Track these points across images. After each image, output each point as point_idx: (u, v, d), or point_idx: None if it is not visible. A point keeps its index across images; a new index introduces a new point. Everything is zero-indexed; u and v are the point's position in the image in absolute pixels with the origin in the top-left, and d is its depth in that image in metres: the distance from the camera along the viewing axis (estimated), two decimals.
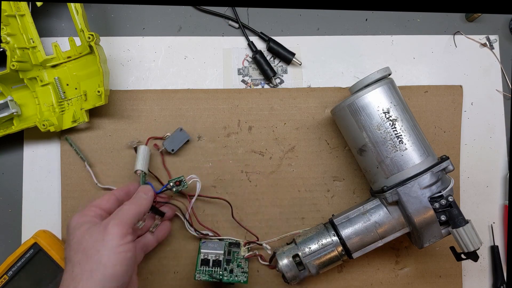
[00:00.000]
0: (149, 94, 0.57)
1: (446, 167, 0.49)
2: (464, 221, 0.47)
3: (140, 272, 0.54)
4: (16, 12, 0.52)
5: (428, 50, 0.61)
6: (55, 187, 0.56)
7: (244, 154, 0.57)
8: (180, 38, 0.59)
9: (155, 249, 0.54)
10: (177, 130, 0.55)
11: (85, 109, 0.53)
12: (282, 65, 0.59)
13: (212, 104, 0.57)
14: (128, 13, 0.59)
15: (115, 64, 0.58)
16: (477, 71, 0.61)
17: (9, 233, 0.55)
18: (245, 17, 0.60)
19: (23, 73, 0.53)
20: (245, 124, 0.57)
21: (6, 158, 0.56)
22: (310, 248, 0.50)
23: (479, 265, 0.59)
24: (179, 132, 0.55)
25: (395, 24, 0.61)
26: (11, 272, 0.51)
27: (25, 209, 0.55)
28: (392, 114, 0.48)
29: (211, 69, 0.59)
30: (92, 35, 0.50)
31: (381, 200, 0.51)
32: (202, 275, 0.51)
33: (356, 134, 0.50)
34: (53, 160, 0.56)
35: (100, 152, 0.56)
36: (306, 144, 0.58)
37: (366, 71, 0.60)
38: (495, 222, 0.60)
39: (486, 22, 0.62)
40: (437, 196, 0.47)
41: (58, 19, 0.58)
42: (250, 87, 0.59)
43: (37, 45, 0.54)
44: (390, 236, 0.50)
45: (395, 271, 0.57)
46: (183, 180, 0.52)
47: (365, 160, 0.51)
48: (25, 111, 0.54)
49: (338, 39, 0.60)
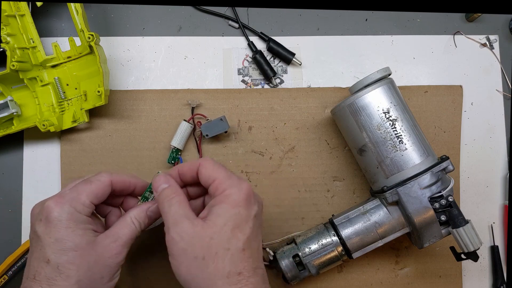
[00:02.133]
0: (149, 94, 0.57)
1: (446, 167, 0.49)
2: (464, 221, 0.47)
3: (140, 272, 0.54)
4: (16, 12, 0.52)
5: (428, 50, 0.61)
6: (55, 187, 0.56)
7: (244, 154, 0.57)
8: (180, 38, 0.59)
9: (155, 249, 0.54)
10: (217, 118, 0.54)
11: (85, 109, 0.53)
12: (282, 65, 0.59)
13: (212, 104, 0.57)
14: (128, 13, 0.59)
15: (115, 64, 0.58)
16: (477, 71, 0.61)
17: (9, 233, 0.55)
18: (245, 17, 0.60)
19: (23, 73, 0.53)
20: (245, 124, 0.57)
21: (6, 158, 0.56)
22: (310, 248, 0.50)
23: (479, 265, 0.59)
24: (219, 121, 0.54)
25: (395, 24, 0.61)
26: (11, 272, 0.51)
27: (25, 209, 0.55)
28: (392, 114, 0.48)
29: (211, 69, 0.59)
30: (92, 35, 0.50)
31: (381, 200, 0.51)
32: None
33: (356, 134, 0.50)
34: (53, 160, 0.56)
35: (100, 152, 0.56)
36: (306, 144, 0.58)
37: (366, 71, 0.60)
38: (495, 222, 0.60)
39: (486, 22, 0.62)
40: (437, 196, 0.47)
41: (58, 19, 0.58)
42: (250, 87, 0.59)
43: (37, 45, 0.54)
44: (390, 236, 0.50)
45: (395, 271, 0.57)
46: None
47: (365, 160, 0.51)
48: (25, 111, 0.54)
49: (338, 39, 0.60)
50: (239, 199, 0.39)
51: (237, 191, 0.40)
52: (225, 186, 0.40)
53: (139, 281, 0.54)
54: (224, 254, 0.38)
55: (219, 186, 0.40)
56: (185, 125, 0.55)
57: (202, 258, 0.37)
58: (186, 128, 0.55)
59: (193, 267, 0.37)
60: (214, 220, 0.38)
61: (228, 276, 0.37)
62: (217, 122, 0.54)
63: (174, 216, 0.39)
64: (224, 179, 0.40)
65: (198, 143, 0.56)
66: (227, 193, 0.40)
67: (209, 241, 0.38)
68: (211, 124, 0.54)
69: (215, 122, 0.54)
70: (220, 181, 0.40)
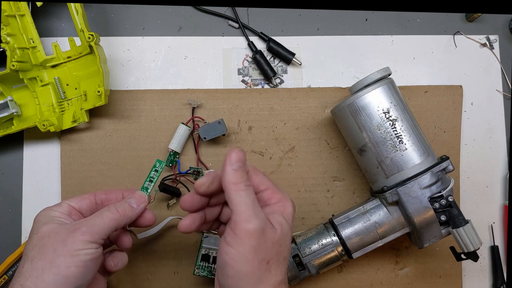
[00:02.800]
0: (149, 94, 0.57)
1: (446, 167, 0.49)
2: (464, 221, 0.47)
3: (140, 272, 0.54)
4: (16, 12, 0.52)
5: (428, 50, 0.61)
6: (55, 187, 0.56)
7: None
8: (180, 38, 0.59)
9: (155, 249, 0.54)
10: (215, 121, 0.54)
11: (85, 109, 0.53)
12: (282, 65, 0.59)
13: (212, 104, 0.57)
14: (128, 13, 0.59)
15: (115, 64, 0.58)
16: (477, 71, 0.61)
17: (9, 233, 0.55)
18: (245, 17, 0.60)
19: (23, 73, 0.53)
20: (245, 124, 0.57)
21: (6, 158, 0.56)
22: (310, 248, 0.50)
23: (479, 265, 0.59)
24: (217, 124, 0.54)
25: (395, 24, 0.61)
26: (11, 272, 0.51)
27: (25, 209, 0.55)
28: (392, 114, 0.48)
29: (211, 69, 0.59)
30: (92, 35, 0.50)
31: (381, 200, 0.51)
32: (201, 270, 0.51)
33: (356, 134, 0.50)
34: (53, 160, 0.56)
35: (100, 152, 0.56)
36: (306, 144, 0.58)
37: (366, 71, 0.60)
38: (495, 222, 0.60)
39: (486, 22, 0.62)
40: (437, 196, 0.47)
41: (58, 19, 0.58)
42: (250, 87, 0.59)
43: (37, 45, 0.54)
44: (390, 236, 0.50)
45: (395, 271, 0.57)
46: (201, 171, 0.54)
47: (365, 160, 0.51)
48: (25, 111, 0.54)
49: (338, 39, 0.60)
50: (292, 215, 0.40)
51: (292, 207, 0.40)
52: (279, 196, 0.40)
53: (139, 281, 0.54)
54: (283, 263, 0.38)
55: (273, 195, 0.40)
56: (183, 128, 0.55)
57: (267, 261, 0.37)
58: (184, 131, 0.55)
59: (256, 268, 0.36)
60: (281, 228, 0.38)
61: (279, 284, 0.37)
62: (215, 125, 0.54)
63: (258, 209, 0.37)
64: (275, 189, 0.40)
65: (196, 145, 0.56)
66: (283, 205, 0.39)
67: (278, 248, 0.37)
68: (209, 126, 0.54)
69: (213, 125, 0.54)
70: (273, 190, 0.40)
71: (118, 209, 0.41)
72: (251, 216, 0.36)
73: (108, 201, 0.45)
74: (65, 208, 0.42)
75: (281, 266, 0.38)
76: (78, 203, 0.43)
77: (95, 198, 0.44)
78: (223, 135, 0.55)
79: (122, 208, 0.42)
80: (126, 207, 0.42)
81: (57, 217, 0.41)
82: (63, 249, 0.37)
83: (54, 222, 0.40)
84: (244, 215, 0.36)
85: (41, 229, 0.39)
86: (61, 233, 0.39)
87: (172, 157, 0.55)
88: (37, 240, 0.39)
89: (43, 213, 0.41)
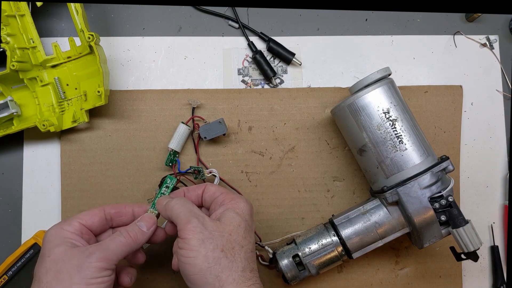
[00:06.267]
0: (149, 94, 0.57)
1: (446, 167, 0.49)
2: (464, 221, 0.47)
3: (140, 272, 0.54)
4: (16, 12, 0.52)
5: (428, 50, 0.61)
6: (55, 187, 0.56)
7: (244, 154, 0.57)
8: (180, 38, 0.59)
9: (155, 249, 0.54)
10: (216, 121, 0.54)
11: (85, 109, 0.53)
12: (282, 65, 0.59)
13: (212, 104, 0.57)
14: (128, 13, 0.59)
15: (115, 64, 0.58)
16: (477, 71, 0.61)
17: (9, 233, 0.55)
18: (245, 17, 0.60)
19: (23, 73, 0.53)
20: (245, 124, 0.57)
21: (6, 158, 0.56)
22: (310, 248, 0.50)
23: (479, 265, 0.59)
24: (218, 124, 0.54)
25: (395, 24, 0.61)
26: (11, 272, 0.51)
27: (25, 209, 0.55)
28: (392, 114, 0.48)
29: (211, 69, 0.59)
30: (92, 35, 0.50)
31: (381, 200, 0.51)
32: None
33: (356, 134, 0.50)
34: (53, 160, 0.56)
35: (100, 152, 0.56)
36: (306, 144, 0.58)
37: (366, 71, 0.60)
38: (495, 222, 0.60)
39: (486, 22, 0.62)
40: (437, 196, 0.47)
41: (58, 19, 0.58)
42: (250, 87, 0.59)
43: (37, 45, 0.54)
44: (390, 236, 0.50)
45: (395, 271, 0.57)
46: (201, 171, 0.53)
47: (365, 160, 0.51)
48: (25, 111, 0.54)
49: (338, 39, 0.60)
50: (246, 210, 0.44)
51: (244, 204, 0.45)
52: (232, 196, 0.45)
53: (138, 281, 0.54)
54: (240, 251, 0.41)
55: (226, 197, 0.45)
56: (182, 128, 0.55)
57: (221, 249, 0.40)
58: (184, 131, 0.55)
59: (211, 258, 0.39)
60: (230, 220, 0.42)
61: (243, 270, 0.40)
62: (216, 125, 0.54)
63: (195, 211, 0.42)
64: (229, 193, 0.46)
65: (196, 144, 0.56)
66: (236, 202, 0.44)
67: (228, 236, 0.41)
68: (210, 126, 0.54)
69: (213, 125, 0.54)
70: (227, 194, 0.46)
71: (130, 234, 0.43)
72: (188, 217, 0.41)
73: (118, 216, 0.46)
74: (76, 227, 0.42)
75: (239, 252, 0.41)
76: (89, 220, 0.43)
77: (104, 213, 0.45)
78: (224, 135, 0.55)
79: (133, 233, 0.43)
80: (137, 231, 0.44)
81: (69, 238, 0.41)
82: (78, 276, 0.38)
83: (67, 244, 0.40)
84: (183, 220, 0.41)
85: (53, 251, 0.39)
86: (75, 258, 0.39)
87: (172, 157, 0.55)
88: (50, 263, 0.39)
89: (53, 232, 0.41)
